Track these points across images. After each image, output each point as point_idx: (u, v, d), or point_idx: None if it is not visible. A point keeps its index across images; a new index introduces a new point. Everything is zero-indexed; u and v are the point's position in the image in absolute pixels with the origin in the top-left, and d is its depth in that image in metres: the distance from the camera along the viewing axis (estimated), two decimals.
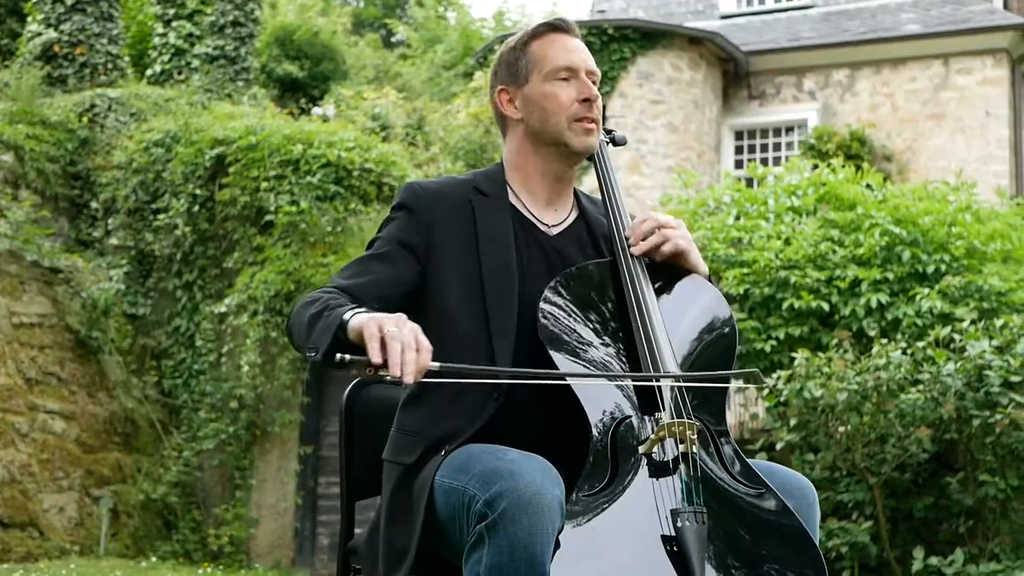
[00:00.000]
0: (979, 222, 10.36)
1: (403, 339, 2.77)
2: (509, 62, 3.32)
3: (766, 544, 2.87)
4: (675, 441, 2.93)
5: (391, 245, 3.20)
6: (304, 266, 12.27)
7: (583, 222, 3.36)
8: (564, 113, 3.23)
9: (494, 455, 2.87)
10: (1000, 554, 8.63)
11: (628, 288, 3.17)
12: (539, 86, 3.26)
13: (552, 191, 3.33)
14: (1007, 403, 8.39)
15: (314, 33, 21.39)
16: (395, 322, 2.81)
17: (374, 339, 2.77)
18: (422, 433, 3.12)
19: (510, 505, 2.69)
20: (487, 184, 3.30)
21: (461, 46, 25.13)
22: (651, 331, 3.09)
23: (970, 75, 19.85)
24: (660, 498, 2.84)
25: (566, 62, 3.25)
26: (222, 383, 12.63)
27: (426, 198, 3.23)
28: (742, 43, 20.94)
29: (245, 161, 12.78)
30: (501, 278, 3.15)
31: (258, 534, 12.50)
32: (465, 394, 3.07)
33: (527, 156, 3.32)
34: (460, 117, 14.92)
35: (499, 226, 3.22)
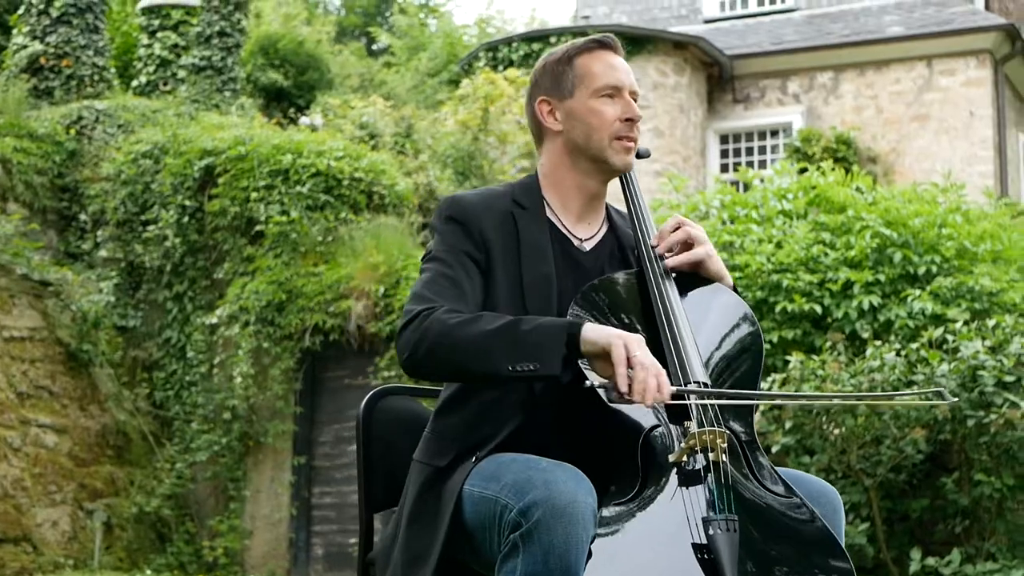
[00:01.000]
0: (969, 223, 10.38)
1: (647, 365, 2.84)
2: (554, 74, 3.33)
3: (796, 551, 2.89)
4: (705, 450, 2.95)
5: (461, 259, 3.18)
6: (295, 276, 12.27)
7: (613, 236, 3.40)
8: (607, 130, 3.26)
9: (526, 464, 2.89)
10: (997, 554, 8.66)
11: (655, 298, 3.20)
12: (584, 101, 3.28)
13: (586, 206, 3.36)
14: (1001, 403, 8.42)
15: (299, 42, 21.40)
16: (638, 344, 2.87)
17: (622, 363, 2.83)
18: (456, 438, 3.13)
19: (545, 514, 2.72)
20: (525, 197, 3.32)
21: (445, 53, 25.15)
22: (680, 341, 3.12)
23: (953, 76, 19.92)
24: (690, 506, 2.86)
25: (613, 80, 3.28)
26: (214, 394, 12.62)
27: (474, 211, 3.24)
28: (726, 47, 20.99)
29: (234, 171, 12.78)
30: (540, 290, 3.18)
31: (252, 545, 12.48)
32: (498, 402, 3.10)
33: (564, 170, 3.34)
34: (448, 124, 14.93)
35: (539, 239, 3.25)
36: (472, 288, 3.15)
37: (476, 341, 2.95)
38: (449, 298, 3.09)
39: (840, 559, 2.89)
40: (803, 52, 20.76)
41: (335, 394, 12.36)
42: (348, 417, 12.22)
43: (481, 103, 14.80)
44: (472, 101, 14.94)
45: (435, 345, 3.00)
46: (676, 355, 3.10)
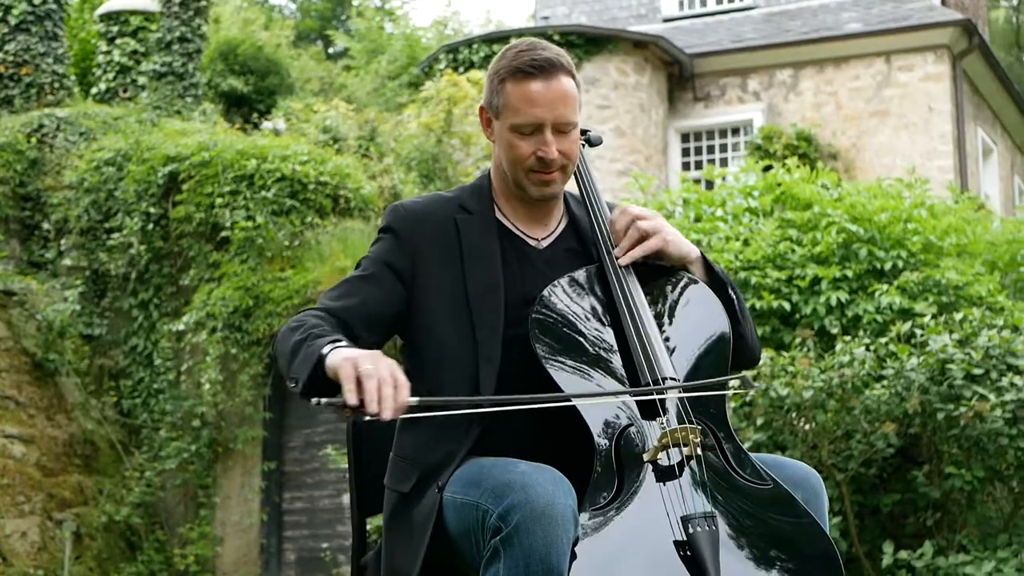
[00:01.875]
0: (934, 218, 10.45)
1: (379, 375, 2.76)
2: (490, 87, 3.26)
3: (779, 540, 2.90)
4: (678, 445, 2.95)
5: (378, 266, 3.18)
6: (262, 281, 12.24)
7: (572, 230, 3.37)
8: (521, 165, 3.20)
9: (504, 468, 2.87)
10: (968, 545, 8.71)
11: (617, 293, 3.17)
12: (505, 131, 3.21)
13: (534, 208, 3.32)
14: (970, 396, 8.47)
15: (258, 47, 21.34)
16: (370, 359, 2.80)
17: (349, 380, 2.76)
18: (416, 459, 3.12)
19: (523, 517, 2.70)
20: (473, 201, 3.30)
21: (405, 56, 25.13)
22: (644, 336, 3.10)
23: (912, 72, 20.05)
24: (669, 504, 2.86)
25: (530, 118, 3.16)
26: (182, 401, 12.57)
27: (410, 219, 3.22)
28: (686, 46, 21.06)
29: (199, 178, 12.74)
30: (486, 298, 3.15)
31: (224, 552, 12.44)
32: (453, 418, 3.05)
33: (502, 179, 3.31)
34: (411, 127, 14.92)
35: (485, 244, 3.22)
36: (374, 293, 3.14)
37: (284, 351, 3.01)
38: (334, 300, 3.14)
39: (824, 543, 2.91)
40: (762, 50, 20.85)
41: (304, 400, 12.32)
42: (318, 422, 12.20)
43: (444, 105, 14.79)
44: (435, 103, 14.92)
45: (274, 348, 3.11)
46: (642, 350, 3.08)
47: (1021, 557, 8.55)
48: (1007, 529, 8.90)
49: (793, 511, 2.95)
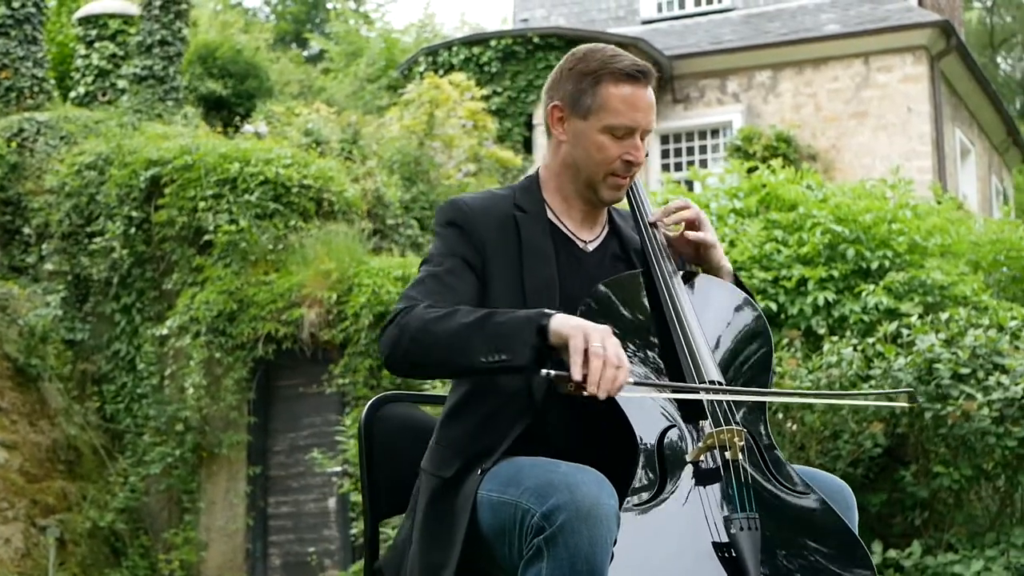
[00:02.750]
0: (918, 218, 10.48)
1: (607, 356, 2.79)
2: (577, 86, 3.25)
3: (817, 547, 2.92)
4: (722, 448, 2.96)
5: (456, 261, 3.17)
6: (246, 285, 12.21)
7: (616, 238, 3.39)
8: (605, 167, 3.22)
9: (546, 468, 2.88)
10: (956, 544, 8.74)
11: (665, 297, 3.19)
12: (594, 132, 3.22)
13: (587, 212, 3.34)
14: (958, 395, 8.50)
15: (237, 51, 21.25)
16: (599, 335, 2.83)
17: (578, 353, 2.79)
18: (462, 447, 3.10)
19: (569, 517, 2.71)
20: (526, 200, 3.30)
21: (383, 59, 25.08)
22: (691, 340, 3.12)
23: (891, 73, 20.12)
24: (710, 506, 2.88)
25: (629, 121, 3.20)
26: (166, 406, 12.53)
27: (473, 215, 3.22)
28: (665, 48, 21.08)
29: (181, 181, 12.69)
30: (543, 294, 3.15)
31: (208, 557, 12.40)
32: (502, 410, 3.07)
33: (564, 179, 3.32)
34: (393, 130, 14.89)
35: (541, 243, 3.23)
36: (462, 287, 3.14)
37: (451, 334, 2.95)
38: (433, 296, 3.09)
39: (860, 555, 2.92)
40: (741, 51, 20.89)
41: (289, 403, 12.30)
42: (303, 426, 12.17)
43: (426, 108, 14.77)
44: (417, 106, 14.91)
45: (413, 340, 3.00)
46: (689, 354, 3.10)
47: (1009, 556, 8.58)
48: (994, 528, 8.93)
49: (831, 521, 2.97)
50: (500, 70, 20.36)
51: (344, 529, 11.71)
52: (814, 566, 2.89)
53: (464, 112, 15.32)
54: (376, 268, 11.75)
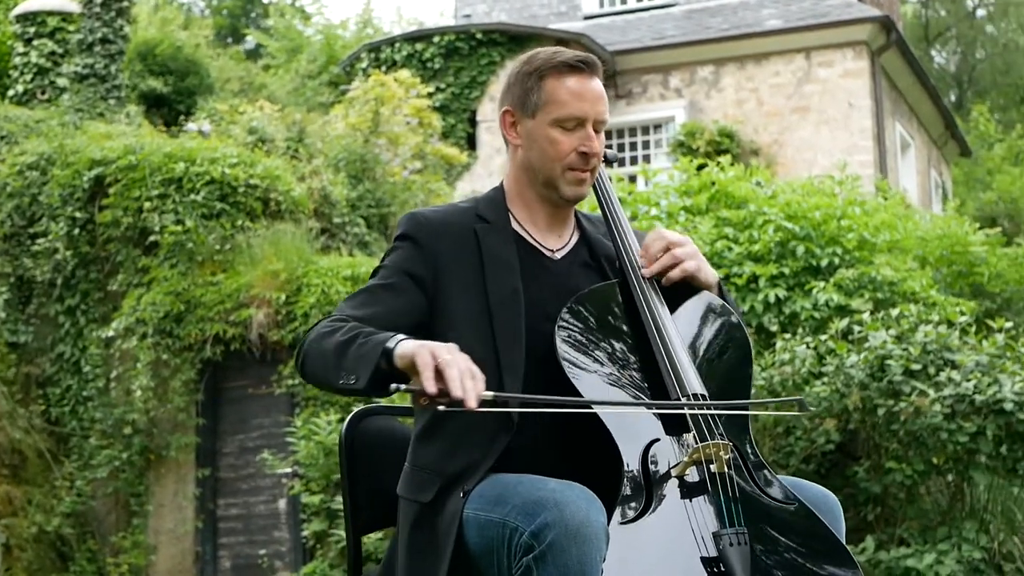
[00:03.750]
0: (867, 215, 10.56)
1: (459, 365, 2.76)
2: (523, 87, 3.24)
3: (806, 560, 2.90)
4: (708, 462, 2.94)
5: (398, 276, 3.15)
6: (193, 286, 12.10)
7: (585, 244, 3.36)
8: (561, 161, 3.20)
9: (532, 485, 2.85)
10: (909, 539, 8.81)
11: (643, 309, 3.16)
12: (544, 127, 3.20)
13: (552, 217, 3.31)
14: (910, 391, 8.57)
15: (177, 48, 21.09)
16: (446, 349, 2.79)
17: (428, 367, 2.75)
18: (437, 469, 3.07)
19: (558, 535, 2.69)
20: (489, 211, 3.28)
21: (324, 55, 24.99)
22: (672, 352, 3.09)
23: (832, 68, 20.25)
24: (698, 520, 2.86)
25: (577, 111, 3.18)
26: (112, 409, 12.40)
27: (430, 228, 3.19)
28: (607, 43, 21.10)
29: (125, 181, 12.55)
30: (508, 306, 3.13)
31: (158, 560, 12.30)
32: (478, 426, 3.03)
33: (524, 185, 3.30)
34: (338, 127, 14.82)
35: (504, 253, 3.20)
36: (396, 303, 3.12)
37: (326, 352, 2.96)
38: (358, 309, 3.09)
39: (848, 564, 2.92)
40: (683, 47, 20.95)
41: (238, 404, 12.21)
42: (252, 427, 12.09)
43: (371, 105, 14.71)
44: (362, 103, 14.83)
45: (305, 353, 3.05)
46: (671, 367, 3.07)
47: (960, 550, 8.66)
48: (945, 522, 9.01)
49: (819, 532, 2.96)
50: (443, 66, 20.32)
51: (295, 531, 11.65)
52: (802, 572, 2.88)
53: (409, 109, 15.26)
54: (325, 268, 11.68)
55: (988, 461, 8.65)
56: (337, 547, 10.61)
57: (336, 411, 11.05)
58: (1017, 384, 8.48)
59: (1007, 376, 8.55)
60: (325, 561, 10.85)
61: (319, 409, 11.27)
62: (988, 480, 8.98)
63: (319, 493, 10.86)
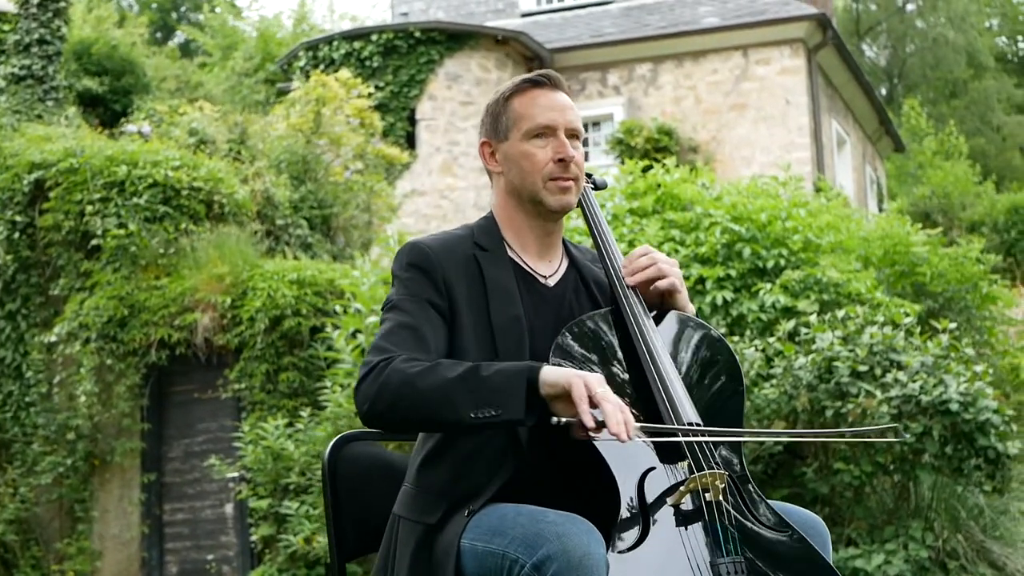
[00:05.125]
0: (812, 216, 10.65)
1: (613, 400, 2.83)
2: (493, 115, 3.31)
3: None
4: (704, 491, 2.97)
5: (423, 307, 3.15)
6: (137, 290, 11.99)
7: (575, 270, 3.40)
8: (539, 173, 3.24)
9: (532, 517, 2.87)
10: (857, 539, 8.91)
11: (636, 336, 3.19)
12: (517, 144, 3.26)
13: (542, 242, 3.35)
14: (857, 392, 8.67)
15: (112, 47, 20.91)
16: (599, 382, 2.85)
17: (584, 400, 2.80)
18: (445, 491, 3.08)
19: (560, 568, 2.72)
20: (485, 239, 3.31)
21: (260, 53, 24.87)
22: (667, 381, 3.12)
23: (769, 65, 20.41)
24: (695, 549, 2.89)
25: (544, 120, 3.24)
26: (55, 414, 12.28)
27: (436, 256, 3.21)
28: (545, 41, 21.17)
29: (66, 185, 12.42)
30: (511, 332, 3.16)
31: (103, 567, 12.20)
32: (484, 451, 3.06)
33: (512, 210, 3.34)
34: (280, 128, 14.75)
35: (504, 280, 3.23)
36: (434, 335, 3.11)
37: (437, 390, 2.92)
38: (408, 347, 3.05)
39: None
40: (621, 44, 21.05)
41: (183, 408, 12.13)
42: (197, 432, 12.02)
43: (313, 106, 14.65)
44: (304, 104, 14.78)
45: (396, 396, 2.96)
46: (666, 396, 3.10)
47: (908, 549, 8.77)
48: (892, 521, 9.12)
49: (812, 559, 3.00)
50: (382, 65, 20.29)
51: (243, 535, 11.60)
52: None
53: (351, 110, 15.22)
54: (271, 271, 11.63)
55: (934, 461, 8.76)
56: (286, 551, 10.59)
57: (283, 415, 11.02)
58: (962, 384, 8.61)
59: (952, 377, 8.67)
60: (274, 566, 10.82)
61: (266, 413, 11.24)
62: (933, 479, 9.11)
63: (267, 497, 10.83)
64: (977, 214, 27.11)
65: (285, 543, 10.56)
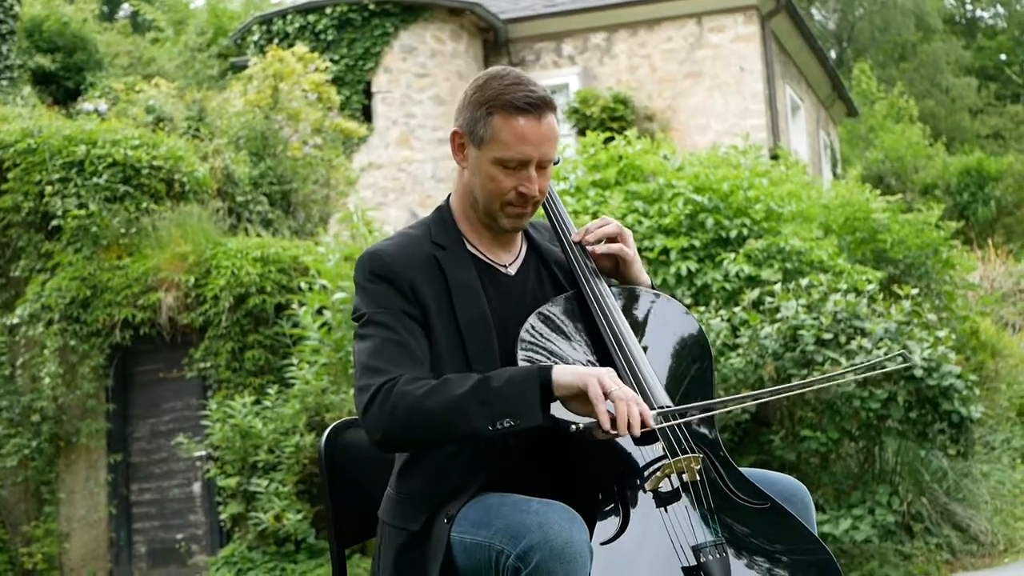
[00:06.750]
0: (773, 185, 10.73)
1: (626, 395, 2.87)
2: (473, 113, 3.24)
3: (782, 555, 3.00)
4: (680, 473, 3.02)
5: (401, 319, 3.14)
6: (99, 270, 11.93)
7: (535, 253, 3.41)
8: (500, 198, 3.22)
9: (515, 507, 2.91)
10: (824, 505, 9.03)
11: (602, 322, 3.21)
12: (486, 162, 3.21)
13: (500, 237, 3.35)
14: (822, 360, 8.77)
15: (63, 23, 20.73)
16: (611, 378, 2.89)
17: (601, 400, 2.85)
18: (425, 497, 3.10)
19: (544, 557, 2.76)
20: (442, 236, 3.30)
21: (212, 27, 24.71)
22: (636, 365, 3.14)
23: (723, 33, 20.45)
24: (675, 532, 2.94)
25: (518, 155, 3.18)
26: (19, 396, 12.22)
27: (396, 264, 3.19)
28: (500, 11, 21.13)
29: (25, 165, 12.32)
30: (479, 330, 3.16)
31: (71, 548, 12.17)
32: (461, 454, 3.08)
33: (467, 207, 3.33)
34: (237, 105, 14.68)
35: (466, 277, 3.23)
36: (420, 348, 3.12)
37: (450, 408, 2.93)
38: (403, 365, 3.05)
39: (821, 552, 3.02)
40: (576, 14, 21.03)
41: (149, 388, 12.09)
42: (163, 411, 12.00)
43: (270, 81, 14.59)
44: (261, 79, 14.70)
45: (408, 421, 2.96)
46: (635, 381, 3.12)
47: (875, 514, 8.89)
48: (858, 486, 9.24)
49: (792, 528, 3.05)
50: (336, 38, 20.21)
51: (211, 514, 11.60)
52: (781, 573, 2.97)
53: (308, 84, 15.16)
54: (234, 250, 11.59)
55: (899, 426, 8.89)
56: (256, 529, 10.61)
57: (250, 393, 11.02)
58: (925, 350, 8.72)
59: (915, 343, 8.78)
60: (243, 543, 10.84)
61: (233, 392, 11.23)
62: (897, 444, 9.23)
63: (235, 475, 10.84)
64: (930, 177, 27.34)
65: (255, 521, 10.57)
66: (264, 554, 10.68)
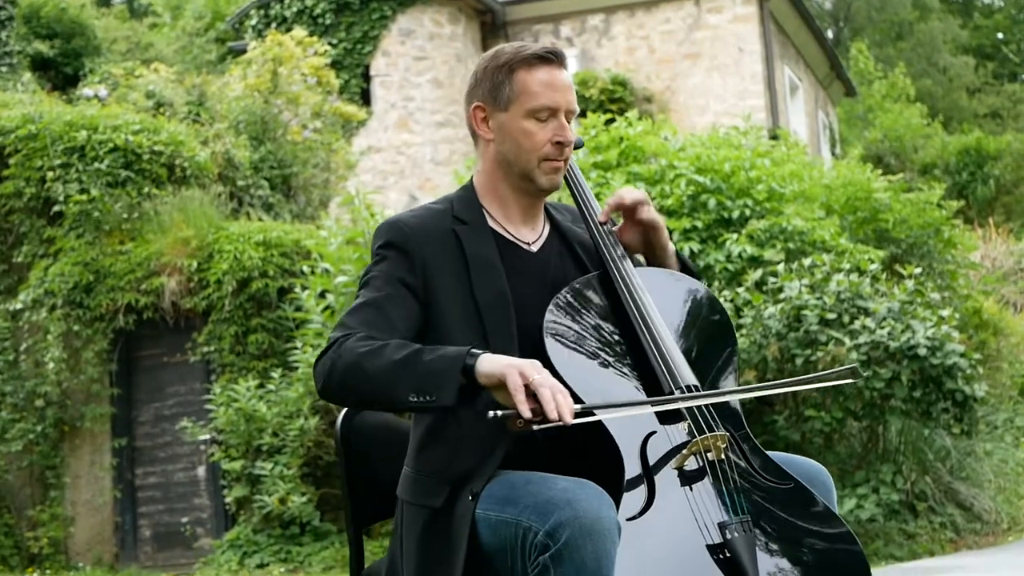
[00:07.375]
0: (776, 165, 10.74)
1: (549, 384, 2.82)
2: (493, 81, 3.24)
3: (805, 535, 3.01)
4: (706, 451, 3.02)
5: (394, 286, 3.14)
6: (102, 255, 11.96)
7: (557, 233, 3.38)
8: (537, 152, 3.21)
9: (543, 484, 2.90)
10: None
11: (628, 302, 3.19)
12: (518, 120, 3.21)
13: (526, 210, 3.32)
14: (826, 340, 8.80)
15: (61, 9, 20.70)
16: (533, 367, 2.84)
17: (520, 390, 2.80)
18: (445, 472, 3.09)
19: (573, 533, 2.75)
20: (464, 211, 3.28)
21: (210, 11, 24.69)
22: (662, 345, 3.13)
23: (721, 14, 20.44)
24: (701, 509, 2.94)
25: (550, 102, 3.19)
26: (24, 381, 12.24)
27: (413, 235, 3.19)
28: None
29: (26, 151, 12.34)
30: (498, 307, 3.15)
31: (76, 532, 12.21)
32: (477, 430, 3.06)
33: (497, 180, 3.30)
34: (237, 89, 14.69)
35: (486, 253, 3.21)
36: (401, 315, 3.11)
37: (380, 371, 2.94)
38: (370, 325, 3.06)
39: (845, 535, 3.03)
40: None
41: (152, 372, 12.12)
42: (167, 395, 12.02)
43: (270, 66, 14.59)
44: (260, 64, 14.71)
45: (344, 374, 2.99)
46: (661, 360, 3.12)
47: (880, 493, 8.92)
48: (862, 466, 9.28)
49: (815, 509, 3.06)
50: (335, 22, 20.22)
51: (216, 497, 11.64)
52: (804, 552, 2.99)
53: (307, 68, 15.17)
54: (236, 234, 11.62)
55: (903, 405, 8.91)
56: (260, 512, 10.65)
57: (254, 377, 11.05)
58: (929, 329, 8.75)
59: (919, 322, 8.81)
60: (248, 526, 10.89)
61: (236, 376, 11.26)
62: (900, 424, 9.26)
63: (239, 459, 10.88)
64: (929, 156, 27.34)
65: (260, 504, 10.61)
66: (269, 537, 10.73)
